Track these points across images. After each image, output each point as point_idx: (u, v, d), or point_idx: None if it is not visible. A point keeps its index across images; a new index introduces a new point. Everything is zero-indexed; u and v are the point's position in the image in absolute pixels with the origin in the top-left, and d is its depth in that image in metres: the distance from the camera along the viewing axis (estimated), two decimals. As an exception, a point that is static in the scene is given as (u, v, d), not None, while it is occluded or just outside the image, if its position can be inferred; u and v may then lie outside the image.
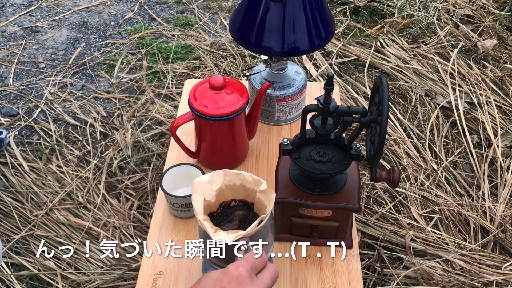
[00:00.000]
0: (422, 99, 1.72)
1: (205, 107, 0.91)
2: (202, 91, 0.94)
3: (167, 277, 0.86)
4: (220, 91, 0.93)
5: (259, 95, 0.97)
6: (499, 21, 2.06)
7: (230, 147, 1.00)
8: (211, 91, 0.93)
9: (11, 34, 2.11)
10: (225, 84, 0.93)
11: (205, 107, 0.91)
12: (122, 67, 1.91)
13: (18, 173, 1.50)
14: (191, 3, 2.27)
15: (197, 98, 0.93)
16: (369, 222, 1.33)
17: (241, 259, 0.66)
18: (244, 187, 0.74)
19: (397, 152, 1.53)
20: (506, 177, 1.45)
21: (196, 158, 1.04)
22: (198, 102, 0.92)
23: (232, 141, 0.99)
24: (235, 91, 0.94)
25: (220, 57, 1.92)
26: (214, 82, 0.92)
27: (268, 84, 0.97)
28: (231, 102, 0.92)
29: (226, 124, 0.94)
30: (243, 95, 0.94)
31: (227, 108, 0.92)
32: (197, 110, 0.92)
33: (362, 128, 0.76)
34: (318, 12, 0.95)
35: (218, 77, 0.92)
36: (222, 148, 0.99)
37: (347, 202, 0.82)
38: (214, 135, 0.97)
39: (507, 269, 1.22)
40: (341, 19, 2.06)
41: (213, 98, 0.92)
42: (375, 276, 1.24)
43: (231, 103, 0.92)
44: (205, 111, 0.91)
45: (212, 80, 0.92)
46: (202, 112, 0.91)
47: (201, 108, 0.91)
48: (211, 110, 0.91)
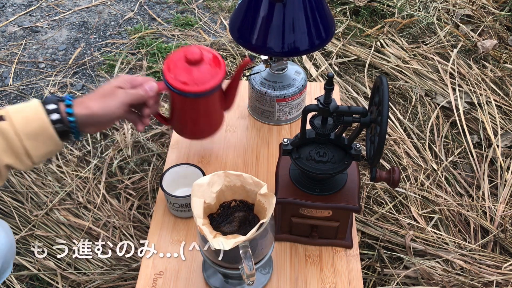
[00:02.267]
0: (422, 99, 1.72)
1: (178, 81, 0.86)
2: (177, 62, 0.87)
3: (167, 277, 0.86)
4: (195, 65, 0.86)
5: (239, 70, 0.94)
6: (499, 21, 2.06)
7: (204, 120, 0.96)
8: (186, 63, 0.87)
9: (11, 34, 2.11)
10: (201, 58, 0.86)
11: (178, 81, 0.86)
12: (122, 67, 1.91)
13: (18, 173, 1.50)
14: (191, 3, 2.26)
15: (171, 69, 0.87)
16: (369, 222, 1.33)
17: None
18: (245, 189, 0.74)
19: (397, 152, 1.53)
20: (506, 177, 1.45)
21: (168, 125, 1.01)
22: (172, 75, 0.87)
23: (205, 116, 0.95)
24: (212, 65, 0.87)
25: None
26: (190, 56, 0.85)
27: (248, 60, 0.93)
28: (206, 78, 0.86)
29: (200, 100, 0.89)
30: (219, 70, 0.88)
31: (202, 84, 0.86)
32: (170, 83, 0.87)
33: (362, 128, 0.76)
34: (318, 12, 0.95)
35: (194, 50, 0.86)
36: (195, 121, 0.96)
37: (347, 202, 0.82)
38: (188, 110, 0.93)
39: (507, 269, 1.22)
40: (341, 19, 2.06)
41: (188, 71, 0.86)
42: (375, 276, 1.24)
43: (206, 79, 0.86)
44: (178, 86, 0.86)
45: (188, 54, 0.86)
46: (175, 86, 0.86)
47: (175, 82, 0.86)
48: (184, 85, 0.86)
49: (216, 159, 1.06)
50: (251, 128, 1.12)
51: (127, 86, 0.85)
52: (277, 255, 0.89)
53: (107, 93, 0.82)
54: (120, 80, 0.85)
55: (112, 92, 0.82)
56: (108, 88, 0.83)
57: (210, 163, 1.05)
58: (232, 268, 0.74)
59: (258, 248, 0.72)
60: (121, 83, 0.85)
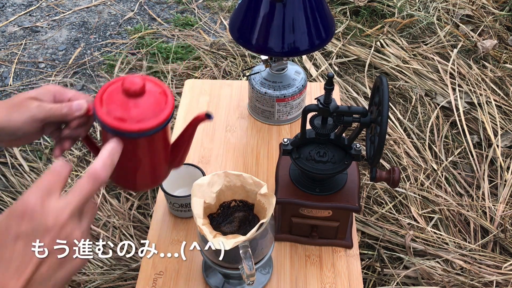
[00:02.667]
0: (422, 99, 1.72)
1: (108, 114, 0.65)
2: (113, 92, 0.68)
3: (167, 277, 0.86)
4: (133, 98, 0.66)
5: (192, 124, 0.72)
6: (499, 21, 2.06)
7: (134, 168, 0.72)
8: (123, 95, 0.66)
9: (11, 34, 2.11)
10: (142, 89, 0.66)
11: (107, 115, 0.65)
12: (122, 67, 1.91)
13: (18, 173, 1.50)
14: (191, 3, 2.26)
15: (103, 100, 0.67)
16: (369, 222, 1.33)
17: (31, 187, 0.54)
18: (245, 189, 0.74)
19: (397, 152, 1.53)
20: (506, 177, 1.45)
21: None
22: (102, 106, 0.66)
23: (137, 163, 0.71)
24: (156, 100, 0.67)
25: (220, 57, 1.92)
26: (129, 85, 0.66)
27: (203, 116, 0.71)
28: (144, 115, 0.66)
29: (133, 142, 0.67)
30: (164, 107, 0.67)
31: (137, 122, 0.65)
32: (98, 116, 0.65)
33: (362, 128, 0.76)
34: (318, 12, 0.95)
35: (135, 79, 0.66)
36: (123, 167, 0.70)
37: (347, 202, 0.82)
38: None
39: (507, 269, 1.22)
40: (341, 19, 2.06)
41: (123, 105, 0.66)
42: (375, 276, 1.24)
43: (144, 116, 0.66)
44: (106, 119, 0.65)
45: (127, 83, 0.66)
46: (102, 119, 0.65)
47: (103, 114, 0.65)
48: (115, 121, 0.64)
49: (216, 159, 1.06)
50: (251, 128, 1.13)
51: (47, 99, 0.69)
52: (277, 255, 0.89)
53: (15, 104, 0.67)
54: (41, 91, 0.70)
55: (21, 104, 0.67)
56: (19, 98, 0.68)
57: (210, 163, 1.05)
58: (232, 268, 0.74)
59: (258, 248, 0.72)
60: (40, 95, 0.69)
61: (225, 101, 1.18)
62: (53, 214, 0.50)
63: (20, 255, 0.49)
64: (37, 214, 0.50)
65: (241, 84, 1.23)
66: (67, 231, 0.51)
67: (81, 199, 0.53)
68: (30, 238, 0.49)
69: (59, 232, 0.50)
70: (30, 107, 0.67)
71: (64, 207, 0.51)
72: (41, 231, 0.50)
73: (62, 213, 0.51)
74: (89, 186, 0.55)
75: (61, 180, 0.55)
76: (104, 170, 0.57)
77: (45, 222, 0.50)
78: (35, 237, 0.49)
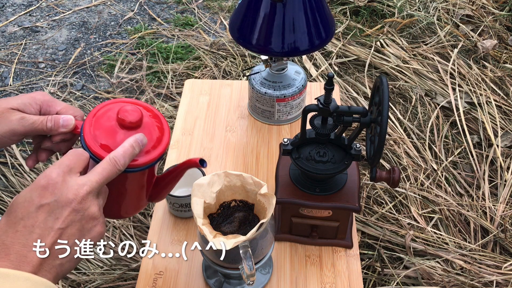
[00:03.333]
0: (422, 99, 1.72)
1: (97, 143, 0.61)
2: (107, 116, 0.63)
3: (167, 277, 0.86)
4: (128, 130, 0.62)
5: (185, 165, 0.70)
6: (499, 21, 2.06)
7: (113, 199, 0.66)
8: (116, 124, 0.62)
9: (11, 34, 2.11)
10: (139, 122, 0.62)
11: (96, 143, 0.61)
12: (122, 67, 1.91)
13: (18, 173, 1.50)
14: (191, 3, 2.26)
15: (94, 125, 0.62)
16: (369, 222, 1.33)
17: (52, 165, 0.56)
18: (245, 188, 0.74)
19: (397, 152, 1.53)
20: (506, 177, 1.45)
21: None
22: (92, 133, 0.61)
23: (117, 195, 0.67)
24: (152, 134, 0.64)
25: (220, 57, 1.92)
26: (125, 116, 0.62)
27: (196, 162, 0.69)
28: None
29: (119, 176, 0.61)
30: (159, 144, 0.64)
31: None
32: (86, 143, 0.61)
33: (362, 128, 0.76)
34: (318, 12, 0.95)
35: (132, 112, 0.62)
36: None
37: (347, 202, 0.82)
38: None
39: (507, 269, 1.22)
40: (341, 19, 2.06)
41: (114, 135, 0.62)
42: (375, 276, 1.24)
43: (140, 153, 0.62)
44: (95, 149, 0.60)
45: (123, 113, 0.62)
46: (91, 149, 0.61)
47: (92, 142, 0.61)
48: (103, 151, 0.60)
49: (216, 159, 1.06)
50: (251, 128, 1.13)
51: (31, 110, 0.64)
52: (277, 255, 0.89)
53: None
54: (26, 100, 0.64)
55: (1, 115, 0.62)
56: (1, 109, 0.63)
57: (210, 163, 1.05)
58: (232, 268, 0.74)
59: (258, 248, 0.72)
60: (24, 105, 0.64)
61: (225, 101, 1.18)
62: (74, 188, 0.54)
63: (42, 223, 0.52)
64: (58, 187, 0.53)
65: (241, 84, 1.23)
66: (86, 205, 0.54)
67: (101, 178, 0.56)
68: (52, 208, 0.52)
69: (78, 205, 0.53)
70: (11, 120, 0.63)
71: (84, 183, 0.54)
72: (62, 202, 0.53)
73: (82, 188, 0.54)
74: (109, 168, 0.57)
75: (82, 161, 0.57)
76: (124, 157, 0.59)
77: (66, 195, 0.53)
78: (56, 208, 0.52)
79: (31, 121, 0.64)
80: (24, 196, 0.53)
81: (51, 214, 0.52)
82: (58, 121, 0.65)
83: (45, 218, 0.52)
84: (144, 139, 0.62)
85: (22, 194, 0.54)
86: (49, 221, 0.52)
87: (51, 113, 0.66)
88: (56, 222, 0.52)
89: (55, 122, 0.65)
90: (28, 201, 0.53)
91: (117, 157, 0.58)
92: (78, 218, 0.53)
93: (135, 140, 0.60)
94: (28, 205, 0.52)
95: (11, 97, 0.66)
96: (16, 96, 0.66)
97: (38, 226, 0.52)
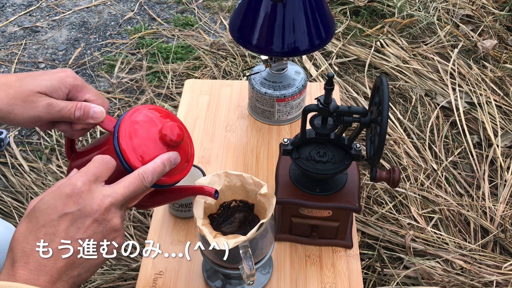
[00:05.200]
0: (422, 99, 1.72)
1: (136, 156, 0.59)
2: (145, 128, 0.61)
3: (167, 277, 0.86)
4: (168, 147, 0.62)
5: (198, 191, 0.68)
6: (499, 21, 2.06)
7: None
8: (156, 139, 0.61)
9: (11, 34, 2.11)
10: (179, 144, 0.63)
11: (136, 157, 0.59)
12: (122, 67, 1.91)
13: (18, 173, 1.50)
14: (191, 3, 2.26)
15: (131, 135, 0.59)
16: (369, 222, 1.33)
17: (78, 172, 0.54)
18: (245, 189, 0.74)
19: (397, 152, 1.53)
20: (506, 177, 1.45)
21: (70, 161, 0.70)
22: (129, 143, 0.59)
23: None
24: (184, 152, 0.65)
25: (220, 57, 1.92)
26: (170, 134, 0.61)
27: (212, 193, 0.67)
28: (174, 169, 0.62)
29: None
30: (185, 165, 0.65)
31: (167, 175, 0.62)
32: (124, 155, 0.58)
33: (362, 128, 0.76)
34: (318, 12, 0.95)
35: (178, 132, 0.62)
36: None
37: (347, 202, 0.82)
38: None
39: (507, 269, 1.22)
40: (341, 19, 2.06)
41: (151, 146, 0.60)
42: (375, 276, 1.24)
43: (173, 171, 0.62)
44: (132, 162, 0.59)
45: (168, 130, 0.61)
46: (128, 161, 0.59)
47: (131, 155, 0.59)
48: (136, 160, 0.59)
49: (216, 159, 1.06)
50: (251, 128, 1.12)
51: (59, 95, 0.60)
52: (277, 255, 0.89)
53: (22, 96, 0.58)
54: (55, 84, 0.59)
55: (28, 98, 0.58)
56: (28, 89, 0.58)
57: (210, 163, 1.05)
58: (232, 268, 0.74)
59: (258, 248, 0.72)
60: (53, 89, 0.59)
61: (225, 101, 1.18)
62: (98, 199, 0.52)
63: (64, 232, 0.51)
64: (83, 197, 0.52)
65: (241, 84, 1.23)
66: (109, 217, 0.53)
67: (126, 192, 0.54)
68: (75, 218, 0.51)
69: (101, 216, 0.52)
70: (37, 106, 0.58)
71: (109, 194, 0.53)
72: (86, 212, 0.52)
73: (106, 199, 0.53)
74: (137, 183, 0.56)
75: (109, 170, 0.55)
76: (153, 174, 0.57)
77: (90, 205, 0.52)
78: (79, 217, 0.51)
79: (58, 108, 0.60)
80: (47, 202, 0.52)
81: (74, 223, 0.51)
82: (88, 111, 0.61)
83: (67, 228, 0.51)
84: (177, 159, 0.61)
85: (45, 200, 0.52)
86: (71, 231, 0.51)
87: (78, 99, 0.62)
88: (78, 232, 0.51)
89: (84, 112, 0.61)
90: (52, 208, 0.51)
91: (146, 174, 0.56)
92: (100, 229, 0.52)
93: (168, 158, 0.59)
94: (51, 212, 0.51)
95: (38, 74, 0.61)
96: (44, 73, 0.61)
97: (59, 235, 0.51)
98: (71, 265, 0.51)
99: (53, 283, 0.50)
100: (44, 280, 0.49)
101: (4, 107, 0.58)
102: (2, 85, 0.59)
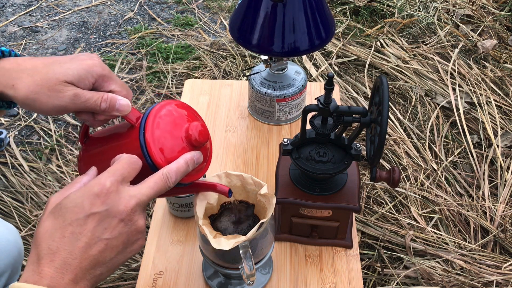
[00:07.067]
0: (422, 99, 1.72)
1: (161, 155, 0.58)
2: (170, 126, 0.60)
3: (167, 277, 0.86)
4: (192, 147, 0.61)
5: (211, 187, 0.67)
6: (499, 21, 2.06)
7: None
8: (180, 137, 0.60)
9: (11, 34, 2.11)
10: (204, 145, 0.63)
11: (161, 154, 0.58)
12: (122, 67, 1.91)
13: (18, 173, 1.50)
14: (191, 3, 2.26)
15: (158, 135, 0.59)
16: (369, 222, 1.33)
17: (105, 172, 0.53)
18: (245, 189, 0.74)
19: (397, 152, 1.53)
20: (506, 177, 1.45)
21: (82, 144, 0.67)
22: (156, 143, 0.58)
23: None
24: (205, 153, 0.64)
25: (220, 57, 1.92)
26: (196, 135, 0.60)
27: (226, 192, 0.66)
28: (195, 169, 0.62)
29: None
30: (204, 166, 0.65)
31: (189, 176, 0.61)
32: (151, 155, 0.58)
33: (362, 128, 0.76)
34: (318, 12, 0.95)
35: (204, 132, 0.62)
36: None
37: (347, 202, 0.82)
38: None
39: (507, 269, 1.22)
40: (341, 19, 2.06)
41: (176, 145, 0.60)
42: (375, 276, 1.24)
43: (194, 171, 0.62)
44: (158, 161, 0.58)
45: (194, 130, 0.60)
46: (154, 160, 0.58)
47: (158, 155, 0.58)
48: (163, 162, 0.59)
49: (216, 159, 1.06)
50: (251, 128, 1.12)
51: (86, 84, 0.59)
52: (277, 255, 0.89)
53: (49, 85, 0.57)
54: (82, 73, 0.58)
55: (54, 87, 0.57)
56: (55, 77, 0.57)
57: (210, 163, 1.05)
58: (232, 268, 0.74)
59: (258, 248, 0.72)
60: (80, 78, 0.58)
61: (225, 101, 1.18)
62: (125, 200, 0.52)
63: (90, 232, 0.51)
64: (111, 197, 0.52)
65: (241, 84, 1.23)
66: (135, 218, 0.53)
67: (151, 193, 0.55)
68: (102, 217, 0.51)
69: (127, 217, 0.52)
70: (63, 96, 0.57)
71: (134, 195, 0.53)
72: (113, 213, 0.52)
73: (132, 200, 0.53)
74: (161, 183, 0.56)
75: (135, 170, 0.55)
76: (176, 174, 0.57)
77: (117, 206, 0.52)
78: (106, 217, 0.51)
79: (83, 99, 0.58)
80: (74, 200, 0.52)
81: (101, 223, 0.51)
82: (114, 104, 0.60)
83: (94, 227, 0.51)
84: (200, 158, 0.60)
85: (72, 198, 0.52)
86: (98, 231, 0.51)
87: (103, 89, 0.61)
88: (104, 232, 0.52)
89: (110, 104, 0.60)
90: (79, 207, 0.51)
91: (170, 174, 0.56)
92: (126, 230, 0.53)
93: (191, 158, 0.59)
94: (78, 210, 0.51)
95: (65, 60, 0.59)
96: (71, 60, 0.59)
97: (85, 234, 0.51)
98: (96, 265, 0.51)
99: (76, 282, 0.50)
100: (69, 279, 0.49)
101: (30, 95, 0.57)
102: (29, 70, 0.57)
